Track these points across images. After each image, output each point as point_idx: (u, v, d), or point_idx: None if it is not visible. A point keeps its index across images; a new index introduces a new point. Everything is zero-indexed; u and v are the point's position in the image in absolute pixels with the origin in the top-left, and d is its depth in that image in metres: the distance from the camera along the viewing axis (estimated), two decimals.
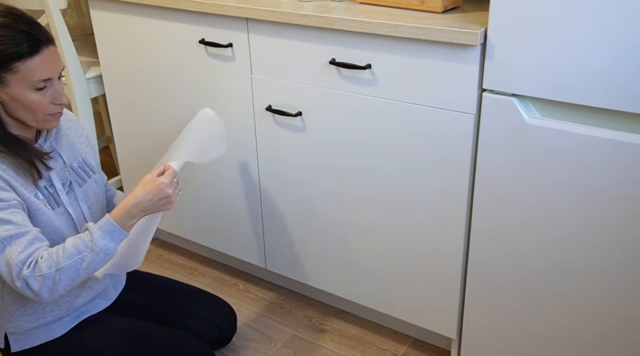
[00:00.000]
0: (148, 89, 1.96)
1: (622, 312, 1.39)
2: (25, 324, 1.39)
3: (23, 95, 1.26)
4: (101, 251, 1.28)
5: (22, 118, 1.29)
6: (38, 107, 1.28)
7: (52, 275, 1.23)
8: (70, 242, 1.27)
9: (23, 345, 1.41)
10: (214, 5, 1.64)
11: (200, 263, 2.23)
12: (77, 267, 1.26)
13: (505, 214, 1.45)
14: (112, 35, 1.96)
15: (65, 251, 1.25)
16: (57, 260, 1.24)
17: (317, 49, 1.55)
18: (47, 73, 1.27)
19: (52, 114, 1.32)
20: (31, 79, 1.25)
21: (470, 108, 1.40)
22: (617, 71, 1.21)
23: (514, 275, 1.50)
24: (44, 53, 1.26)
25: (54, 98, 1.30)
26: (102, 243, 1.27)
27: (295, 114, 1.65)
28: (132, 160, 2.16)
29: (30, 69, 1.24)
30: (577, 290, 1.43)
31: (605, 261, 1.36)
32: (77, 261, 1.25)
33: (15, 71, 1.23)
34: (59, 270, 1.24)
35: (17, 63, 1.23)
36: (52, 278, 1.23)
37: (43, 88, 1.28)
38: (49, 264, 1.23)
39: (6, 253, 1.23)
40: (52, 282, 1.24)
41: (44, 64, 1.26)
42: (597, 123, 1.29)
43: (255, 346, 1.86)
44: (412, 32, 1.37)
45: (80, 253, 1.26)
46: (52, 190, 1.37)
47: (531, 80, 1.30)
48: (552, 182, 1.36)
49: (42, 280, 1.23)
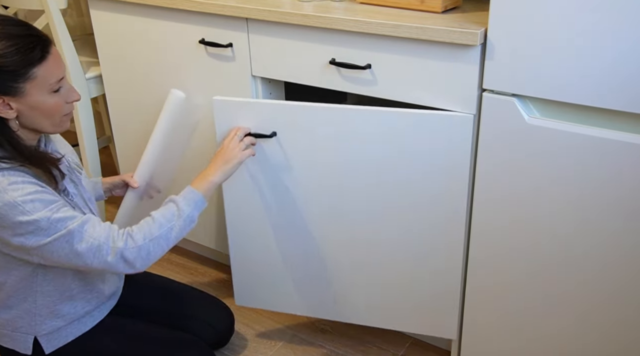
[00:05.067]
0: (148, 88, 1.96)
1: (622, 312, 1.39)
2: (59, 323, 1.40)
3: (41, 101, 1.24)
4: (188, 218, 1.37)
5: (40, 125, 1.27)
6: (56, 109, 1.27)
7: (146, 246, 1.30)
8: (159, 213, 1.35)
9: (57, 343, 1.41)
10: (214, 5, 1.64)
11: (200, 263, 2.23)
12: (168, 235, 1.33)
13: (505, 214, 1.45)
14: (112, 35, 1.96)
15: (155, 221, 1.33)
16: (150, 231, 1.32)
17: (317, 49, 1.55)
18: (60, 73, 1.26)
19: (67, 114, 1.31)
20: (49, 82, 1.23)
21: (470, 108, 1.40)
22: (617, 71, 1.21)
23: (514, 275, 1.50)
24: (52, 53, 1.24)
25: (68, 97, 1.29)
26: (188, 211, 1.37)
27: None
28: (132, 160, 2.16)
29: (46, 73, 1.22)
30: (577, 290, 1.43)
31: (605, 261, 1.36)
32: (167, 230, 1.33)
33: (33, 78, 1.21)
34: (152, 240, 1.31)
35: (34, 69, 1.20)
36: (147, 249, 1.30)
37: (58, 89, 1.26)
38: (144, 236, 1.30)
39: (86, 237, 1.25)
40: (146, 253, 1.30)
41: (55, 64, 1.25)
42: (597, 123, 1.29)
43: (255, 346, 1.86)
44: (412, 32, 1.37)
45: (170, 222, 1.34)
46: (68, 195, 1.37)
47: (531, 80, 1.30)
48: (552, 182, 1.36)
49: (137, 251, 1.29)
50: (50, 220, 1.21)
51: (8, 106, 1.21)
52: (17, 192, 1.20)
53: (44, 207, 1.21)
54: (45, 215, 1.21)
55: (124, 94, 2.05)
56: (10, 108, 1.22)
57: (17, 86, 1.20)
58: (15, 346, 1.40)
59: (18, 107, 1.22)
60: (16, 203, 1.19)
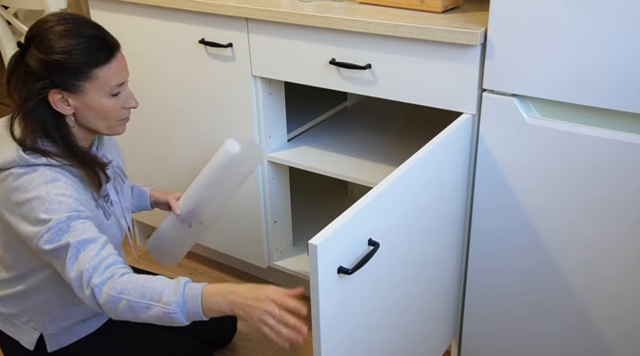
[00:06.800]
0: (148, 88, 1.96)
1: (622, 315, 1.39)
2: (65, 324, 1.40)
3: (99, 102, 1.25)
4: (168, 315, 1.15)
5: (94, 126, 1.28)
6: (112, 112, 1.27)
7: (118, 301, 1.15)
8: (153, 283, 1.17)
9: (60, 343, 1.41)
10: (214, 5, 1.64)
11: (200, 263, 2.23)
12: (139, 310, 1.16)
13: (506, 214, 1.45)
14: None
15: (140, 287, 1.16)
16: (130, 290, 1.15)
17: (317, 48, 1.55)
18: (122, 78, 1.27)
19: (122, 119, 1.31)
20: (109, 85, 1.24)
21: (470, 108, 1.40)
22: (617, 71, 1.21)
23: (514, 275, 1.50)
24: (118, 57, 1.26)
25: (125, 102, 1.30)
26: (173, 310, 1.15)
27: None
28: (132, 160, 2.16)
29: (107, 75, 1.23)
30: (577, 290, 1.43)
31: (605, 261, 1.36)
32: (143, 306, 1.15)
33: (94, 78, 1.22)
34: (126, 301, 1.15)
35: (96, 70, 1.22)
36: (117, 303, 1.15)
37: (117, 93, 1.27)
38: (122, 289, 1.15)
39: (79, 259, 1.17)
40: (114, 306, 1.16)
41: (119, 69, 1.26)
42: (597, 123, 1.29)
43: (255, 346, 1.86)
44: (412, 32, 1.37)
45: (152, 300, 1.15)
46: (107, 200, 1.36)
47: (531, 80, 1.30)
48: (552, 182, 1.36)
49: (109, 298, 1.15)
50: (61, 224, 1.18)
51: (66, 102, 1.23)
52: (54, 189, 1.20)
53: (66, 210, 1.19)
54: (59, 218, 1.18)
55: None
56: (68, 104, 1.23)
57: (78, 84, 1.22)
58: (19, 338, 1.40)
59: (75, 104, 1.24)
60: (46, 199, 1.19)
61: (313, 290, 1.03)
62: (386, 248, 1.20)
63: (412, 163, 1.23)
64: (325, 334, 1.08)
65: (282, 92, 1.80)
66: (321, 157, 1.77)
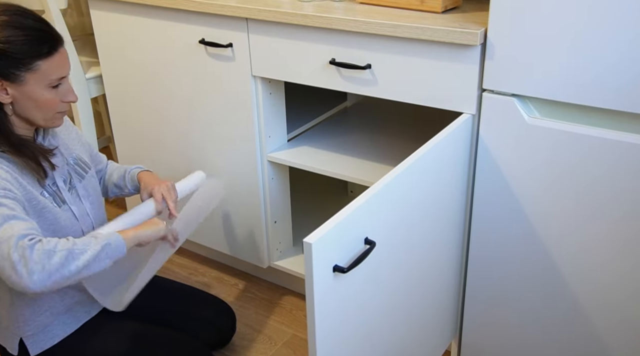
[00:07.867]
0: (148, 88, 1.96)
1: (622, 312, 1.39)
2: (43, 320, 1.40)
3: (38, 94, 1.27)
4: (98, 259, 1.22)
5: (32, 117, 1.30)
6: (51, 105, 1.30)
7: (52, 253, 1.16)
8: (75, 239, 1.23)
9: (43, 345, 1.41)
10: (214, 5, 1.64)
11: (200, 263, 2.23)
12: (73, 256, 1.19)
13: (505, 214, 1.45)
14: (112, 35, 1.96)
15: (67, 241, 1.21)
16: (57, 245, 1.18)
17: (317, 49, 1.55)
18: (63, 72, 1.30)
19: (60, 112, 1.34)
20: (49, 77, 1.27)
21: (470, 108, 1.40)
22: (617, 72, 1.21)
23: (514, 275, 1.50)
24: (61, 52, 1.29)
25: (65, 96, 1.32)
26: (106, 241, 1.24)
27: None
28: (132, 160, 2.16)
29: (49, 68, 1.26)
30: (577, 289, 1.43)
31: (605, 260, 1.36)
32: (76, 252, 1.20)
33: (35, 70, 1.25)
34: (56, 253, 1.17)
35: (39, 62, 1.25)
36: (52, 256, 1.16)
37: (57, 86, 1.30)
38: (56, 243, 1.18)
39: (5, 227, 1.16)
40: (48, 260, 1.16)
41: (60, 63, 1.29)
42: (597, 123, 1.29)
43: (255, 346, 1.86)
44: (412, 32, 1.37)
45: (85, 245, 1.22)
46: (56, 188, 1.38)
47: (531, 80, 1.30)
48: (552, 182, 1.36)
49: (42, 253, 1.15)
50: None
51: (5, 91, 1.26)
52: None
53: None
54: None
55: (124, 94, 2.05)
56: (7, 93, 1.26)
57: (18, 74, 1.24)
58: (5, 343, 1.41)
59: (14, 93, 1.26)
60: None
61: (308, 288, 1.03)
62: (383, 247, 1.20)
63: (410, 163, 1.23)
64: (321, 332, 1.08)
65: (282, 92, 1.80)
66: (321, 157, 1.77)
